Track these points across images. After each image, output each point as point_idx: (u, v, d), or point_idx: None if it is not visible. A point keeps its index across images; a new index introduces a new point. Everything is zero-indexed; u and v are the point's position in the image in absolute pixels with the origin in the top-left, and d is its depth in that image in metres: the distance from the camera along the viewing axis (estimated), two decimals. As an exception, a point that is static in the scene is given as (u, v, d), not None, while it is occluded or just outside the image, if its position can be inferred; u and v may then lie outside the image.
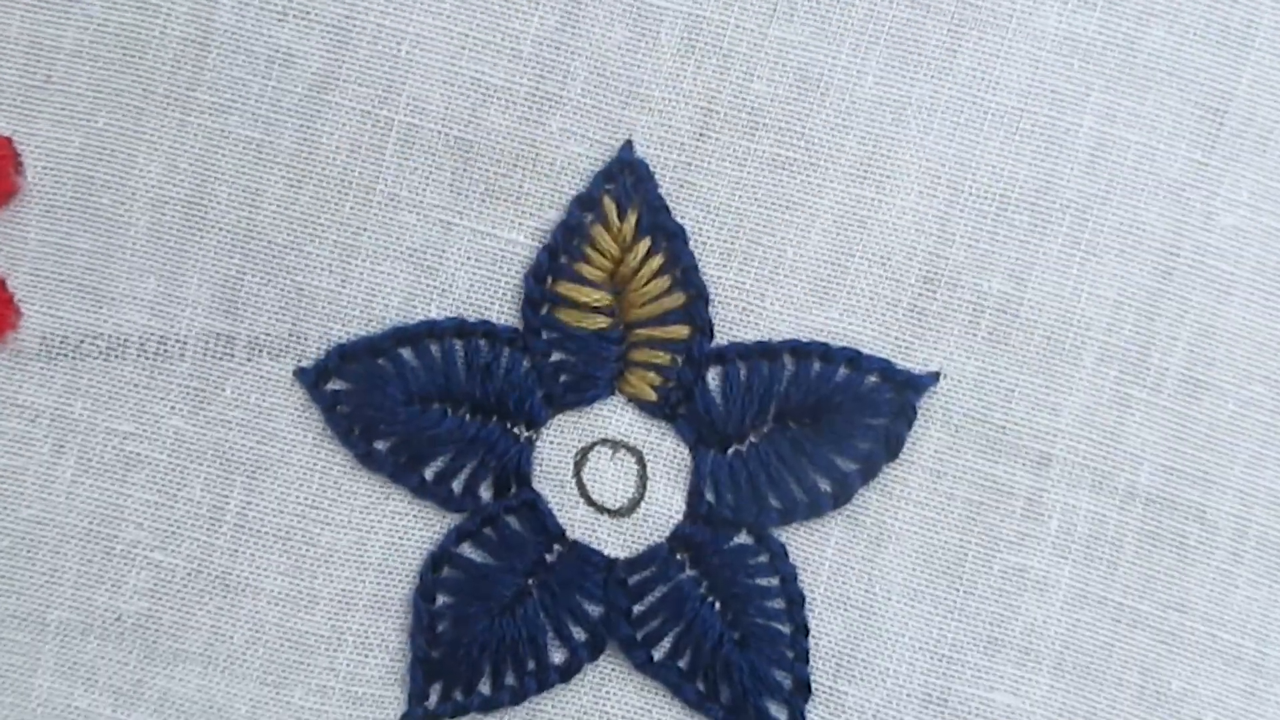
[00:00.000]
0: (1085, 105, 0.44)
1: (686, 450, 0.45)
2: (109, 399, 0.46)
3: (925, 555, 0.45)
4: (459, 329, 0.45)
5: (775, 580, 0.44)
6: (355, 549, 0.45)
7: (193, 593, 0.45)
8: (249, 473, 0.45)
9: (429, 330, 0.45)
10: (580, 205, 0.45)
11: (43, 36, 0.45)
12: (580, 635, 0.45)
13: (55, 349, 0.46)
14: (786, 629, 0.44)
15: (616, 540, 0.45)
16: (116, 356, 0.45)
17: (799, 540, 0.45)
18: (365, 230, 0.45)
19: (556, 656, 0.45)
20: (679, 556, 0.45)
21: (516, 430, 0.45)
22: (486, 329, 0.45)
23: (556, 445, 0.45)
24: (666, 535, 0.45)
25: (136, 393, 0.46)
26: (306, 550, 0.45)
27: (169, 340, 0.45)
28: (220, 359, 0.45)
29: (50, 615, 0.46)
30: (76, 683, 0.46)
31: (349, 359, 0.45)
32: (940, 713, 0.45)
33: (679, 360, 0.44)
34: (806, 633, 0.44)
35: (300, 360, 0.45)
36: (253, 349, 0.45)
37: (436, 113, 0.45)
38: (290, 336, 0.45)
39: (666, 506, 0.45)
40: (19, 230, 0.46)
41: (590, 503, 0.45)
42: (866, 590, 0.45)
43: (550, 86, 0.45)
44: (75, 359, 0.46)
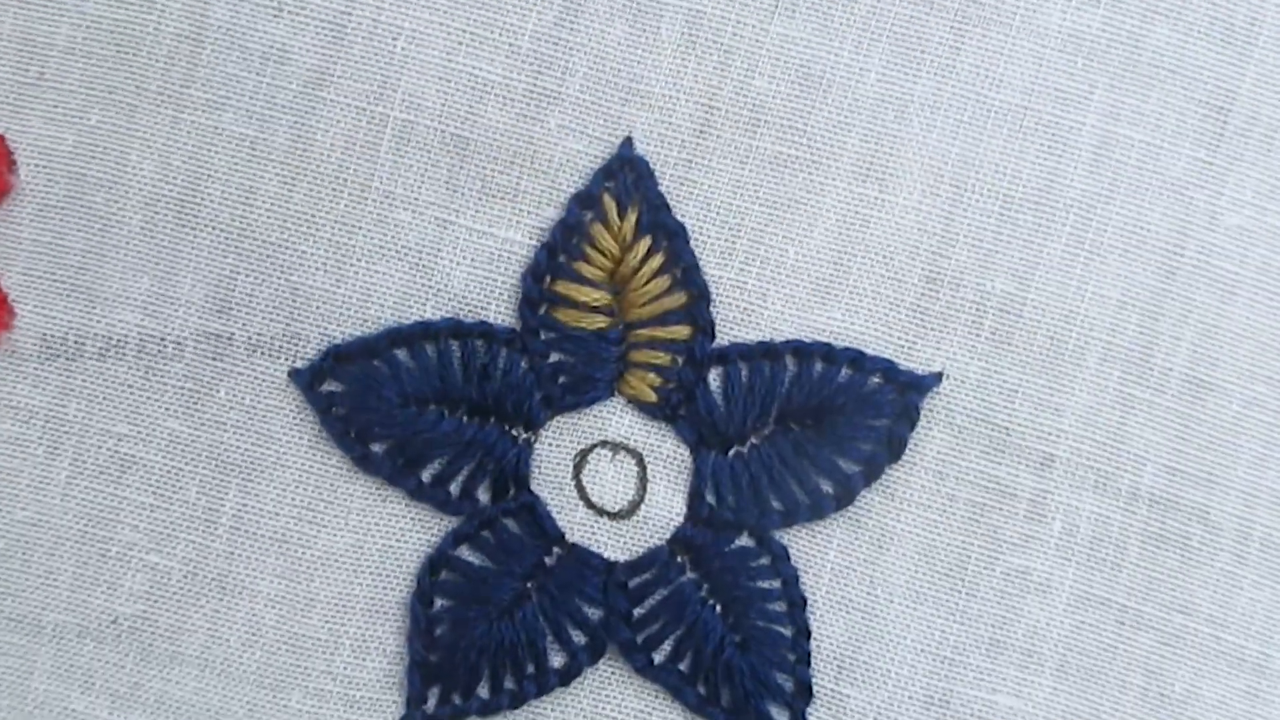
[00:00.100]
0: (1089, 103, 0.44)
1: (687, 452, 0.45)
2: (103, 400, 0.45)
3: (928, 557, 0.45)
4: (455, 329, 0.44)
5: (777, 583, 0.44)
6: (352, 552, 0.45)
7: (189, 595, 0.45)
8: (245, 475, 0.45)
9: (425, 331, 0.44)
10: (579, 203, 0.44)
11: (35, 33, 0.45)
12: (580, 639, 0.45)
13: (49, 349, 0.45)
14: (788, 631, 0.44)
15: (616, 543, 0.45)
16: (110, 357, 0.45)
17: (801, 542, 0.45)
18: (360, 229, 0.45)
19: (556, 660, 0.45)
20: (679, 559, 0.45)
21: (515, 432, 0.45)
22: (483, 329, 0.44)
23: (555, 447, 0.45)
24: (667, 538, 0.45)
25: (131, 394, 0.45)
26: (303, 553, 0.45)
27: (163, 340, 0.45)
28: (215, 359, 0.45)
29: (46, 618, 0.46)
30: (73, 685, 0.46)
31: (344, 360, 0.44)
32: (942, 715, 0.45)
33: (679, 361, 0.44)
34: (808, 635, 0.44)
35: (295, 361, 0.45)
36: (247, 349, 0.45)
37: (433, 109, 0.44)
38: (285, 337, 0.45)
39: (667, 509, 0.45)
40: (12, 229, 0.45)
41: (590, 505, 0.45)
42: (869, 592, 0.45)
43: (549, 82, 0.44)
44: (69, 359, 0.45)
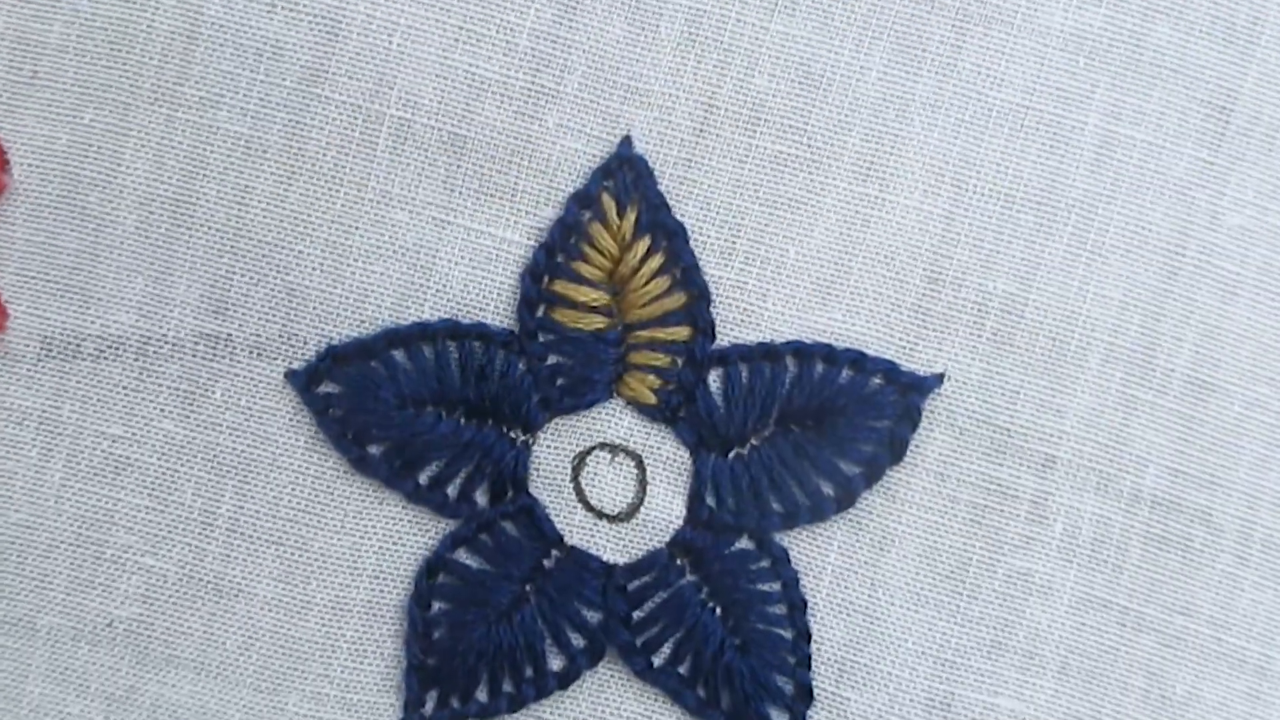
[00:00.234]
0: (1091, 103, 0.44)
1: (687, 454, 0.44)
2: (98, 401, 0.45)
3: (929, 559, 0.44)
4: (453, 330, 0.44)
5: (777, 585, 0.44)
6: (349, 554, 0.45)
7: (185, 598, 0.45)
8: (241, 477, 0.45)
9: (422, 332, 0.44)
10: (578, 202, 0.44)
11: (29, 31, 0.45)
12: (579, 642, 0.44)
13: (43, 350, 0.45)
14: (788, 634, 0.44)
15: (615, 546, 0.45)
16: (105, 358, 0.45)
17: (801, 545, 0.44)
18: (357, 228, 0.44)
19: (555, 663, 0.45)
20: (679, 562, 0.44)
21: (513, 434, 0.44)
22: (481, 331, 0.44)
23: (554, 449, 0.45)
24: (666, 540, 0.44)
25: (126, 395, 0.45)
26: (299, 555, 0.45)
27: (158, 341, 0.45)
28: (210, 360, 0.45)
29: (41, 621, 0.45)
30: (68, 689, 0.46)
31: (341, 361, 0.44)
32: (944, 718, 0.45)
33: (679, 362, 0.44)
34: (809, 638, 0.44)
35: (292, 362, 0.45)
36: (243, 350, 0.45)
37: (430, 107, 0.44)
38: (281, 337, 0.45)
39: (666, 511, 0.44)
40: (5, 229, 0.45)
41: (589, 508, 0.45)
42: (869, 595, 0.44)
43: (547, 81, 0.44)
44: (63, 360, 0.45)
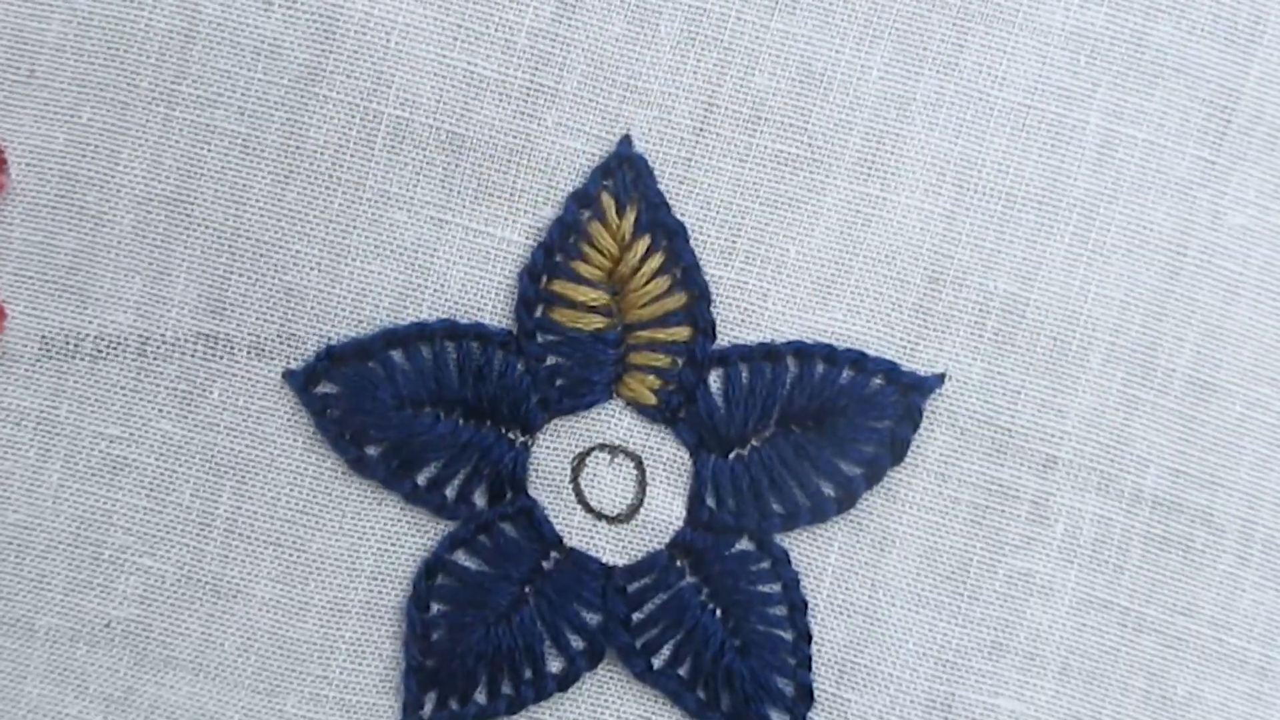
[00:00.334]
0: (1092, 102, 0.44)
1: (687, 455, 0.44)
2: (95, 402, 0.45)
3: (930, 560, 0.44)
4: (451, 331, 0.44)
5: (777, 586, 0.44)
6: (347, 555, 0.45)
7: (183, 599, 0.45)
8: (239, 477, 0.45)
9: (420, 332, 0.44)
10: (577, 202, 0.44)
11: (26, 30, 0.45)
12: (578, 644, 0.44)
13: (41, 350, 0.45)
14: (788, 635, 0.44)
15: (615, 547, 0.44)
16: (103, 358, 0.45)
17: (802, 546, 0.44)
18: (355, 228, 0.44)
19: (554, 665, 0.45)
20: (679, 563, 0.44)
21: (511, 435, 0.44)
22: (479, 331, 0.44)
23: (553, 450, 0.44)
24: (666, 542, 0.44)
25: (123, 395, 0.45)
26: (297, 556, 0.45)
27: (156, 341, 0.45)
28: (208, 360, 0.45)
29: (39, 621, 0.45)
30: (67, 690, 0.45)
31: (339, 361, 0.44)
32: (944, 719, 0.44)
33: (679, 362, 0.44)
34: (809, 639, 0.44)
35: (290, 362, 0.45)
36: (241, 350, 0.45)
37: (428, 106, 0.44)
38: (279, 337, 0.45)
39: (666, 512, 0.44)
40: (3, 229, 0.45)
41: (588, 509, 0.44)
42: (870, 596, 0.44)
43: (546, 79, 0.44)
44: (61, 360, 0.45)
